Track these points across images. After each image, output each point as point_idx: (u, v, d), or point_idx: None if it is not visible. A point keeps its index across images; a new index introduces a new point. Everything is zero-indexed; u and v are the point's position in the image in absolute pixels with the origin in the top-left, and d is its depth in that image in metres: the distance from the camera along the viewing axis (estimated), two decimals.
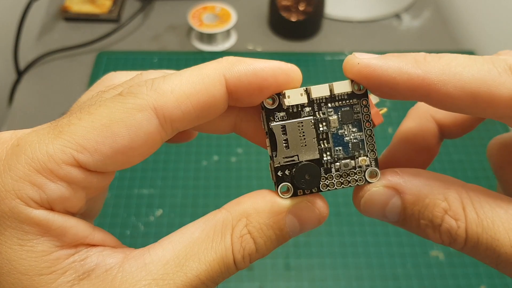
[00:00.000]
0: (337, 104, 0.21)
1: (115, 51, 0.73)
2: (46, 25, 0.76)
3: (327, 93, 0.21)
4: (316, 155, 0.21)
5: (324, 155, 0.21)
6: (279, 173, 0.21)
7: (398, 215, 0.21)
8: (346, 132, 0.21)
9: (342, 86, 0.21)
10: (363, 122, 0.21)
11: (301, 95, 0.20)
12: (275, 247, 0.21)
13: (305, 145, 0.21)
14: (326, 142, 0.21)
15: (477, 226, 0.19)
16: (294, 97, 0.20)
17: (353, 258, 0.53)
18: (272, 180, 0.21)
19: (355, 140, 0.21)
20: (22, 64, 0.71)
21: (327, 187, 0.21)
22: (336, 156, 0.21)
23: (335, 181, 0.21)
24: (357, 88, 0.21)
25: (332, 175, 0.21)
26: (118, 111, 0.18)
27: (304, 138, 0.21)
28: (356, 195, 0.21)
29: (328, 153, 0.21)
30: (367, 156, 0.21)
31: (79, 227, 0.19)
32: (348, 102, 0.21)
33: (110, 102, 0.19)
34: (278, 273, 0.51)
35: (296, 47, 0.75)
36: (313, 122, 0.21)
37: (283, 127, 0.20)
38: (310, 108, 0.21)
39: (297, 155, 0.21)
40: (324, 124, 0.21)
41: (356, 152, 0.21)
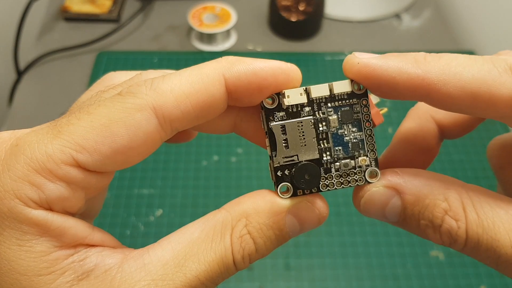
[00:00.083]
0: (337, 104, 0.21)
1: (115, 51, 0.73)
2: (46, 25, 0.76)
3: (326, 92, 0.21)
4: (315, 155, 0.21)
5: (324, 155, 0.21)
6: (279, 173, 0.21)
7: (398, 215, 0.21)
8: (346, 132, 0.21)
9: (342, 85, 0.21)
10: (363, 122, 0.21)
11: (301, 94, 0.20)
12: (275, 247, 0.21)
13: (305, 145, 0.21)
14: (325, 142, 0.21)
15: (477, 226, 0.19)
16: (294, 96, 0.20)
17: (353, 258, 0.53)
18: (272, 180, 0.21)
19: (355, 140, 0.21)
20: (22, 64, 0.71)
21: (327, 187, 0.21)
22: (336, 156, 0.21)
23: (335, 181, 0.21)
24: (357, 88, 0.21)
25: (332, 175, 0.21)
26: (117, 110, 0.18)
27: (304, 138, 0.21)
28: (356, 195, 0.21)
29: (328, 153, 0.21)
30: (367, 156, 0.21)
31: (78, 227, 0.19)
32: (348, 102, 0.21)
33: (109, 101, 0.19)
34: (278, 273, 0.51)
35: (296, 47, 0.75)
36: (313, 122, 0.21)
37: (283, 127, 0.20)
38: (310, 107, 0.21)
39: (297, 155, 0.21)
40: (323, 124, 0.21)
41: (356, 152, 0.21)
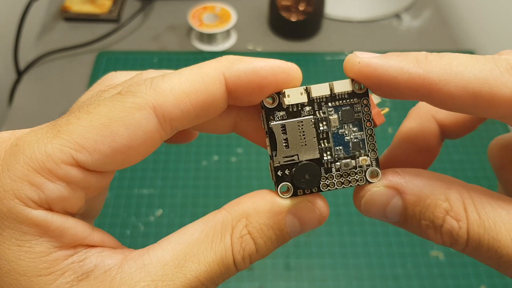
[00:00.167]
0: (337, 103, 0.21)
1: (115, 51, 0.73)
2: (46, 25, 0.76)
3: (327, 92, 0.20)
4: (316, 155, 0.21)
5: (324, 154, 0.21)
6: (279, 173, 0.20)
7: (399, 215, 0.20)
8: (346, 132, 0.21)
9: (343, 85, 0.20)
10: (364, 121, 0.21)
11: (301, 94, 0.20)
12: (276, 247, 0.20)
13: (305, 144, 0.20)
14: (326, 141, 0.21)
15: (478, 227, 0.19)
16: (294, 96, 0.20)
17: (353, 258, 0.53)
18: (272, 180, 0.21)
19: (355, 140, 0.21)
20: (22, 64, 0.71)
21: (328, 187, 0.21)
22: (336, 155, 0.21)
23: (335, 181, 0.21)
24: (358, 87, 0.21)
25: (332, 175, 0.21)
26: (117, 110, 0.18)
27: (304, 138, 0.20)
28: (357, 195, 0.21)
29: (329, 152, 0.21)
30: (367, 156, 0.21)
31: (78, 228, 0.19)
32: (348, 102, 0.21)
33: (109, 101, 0.19)
34: (278, 273, 0.51)
35: (296, 47, 0.75)
36: (313, 121, 0.20)
37: (283, 127, 0.20)
38: (310, 107, 0.20)
39: (297, 155, 0.20)
40: (324, 123, 0.21)
41: (357, 152, 0.21)
